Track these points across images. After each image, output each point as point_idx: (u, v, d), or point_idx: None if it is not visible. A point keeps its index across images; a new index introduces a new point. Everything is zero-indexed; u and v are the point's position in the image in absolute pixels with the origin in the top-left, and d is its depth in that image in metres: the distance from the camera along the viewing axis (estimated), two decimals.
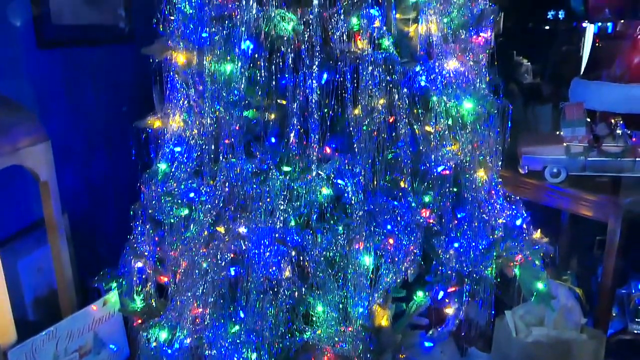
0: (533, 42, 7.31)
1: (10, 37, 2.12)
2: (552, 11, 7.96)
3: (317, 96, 1.44)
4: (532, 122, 4.45)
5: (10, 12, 2.14)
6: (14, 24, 2.15)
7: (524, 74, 6.43)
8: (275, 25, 1.44)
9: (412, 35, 1.56)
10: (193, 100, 1.61)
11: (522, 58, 6.74)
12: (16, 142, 1.48)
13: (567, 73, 5.49)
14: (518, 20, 8.26)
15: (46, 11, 2.28)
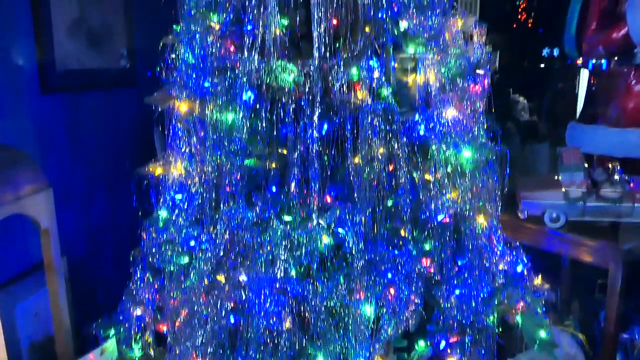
0: (529, 80, 7.44)
1: (14, 83, 2.16)
2: (546, 49, 8.11)
3: (318, 146, 1.46)
4: (530, 161, 4.49)
5: (16, 58, 2.17)
6: (19, 70, 2.18)
7: (521, 112, 6.52)
8: (276, 77, 1.47)
9: (411, 85, 1.59)
10: (195, 147, 1.62)
11: (519, 96, 6.85)
12: (18, 191, 1.49)
13: (564, 110, 5.59)
14: (514, 58, 8.44)
15: (51, 57, 2.32)
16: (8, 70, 2.11)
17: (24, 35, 2.20)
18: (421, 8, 1.54)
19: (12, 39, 2.15)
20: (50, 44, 2.31)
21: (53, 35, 2.32)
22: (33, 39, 2.24)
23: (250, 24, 1.50)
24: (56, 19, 2.32)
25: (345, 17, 1.49)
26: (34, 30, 2.24)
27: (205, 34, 1.56)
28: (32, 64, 2.24)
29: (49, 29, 2.29)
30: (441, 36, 1.57)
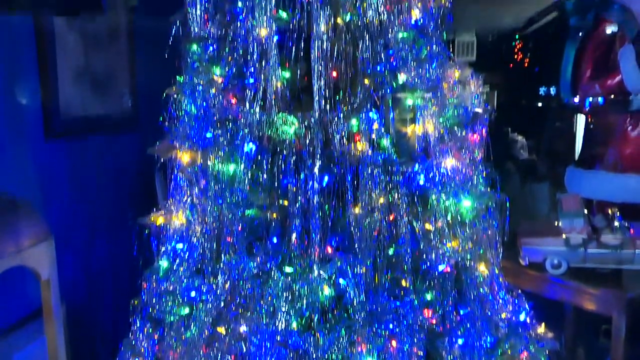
0: (527, 118, 7.51)
1: (19, 129, 2.18)
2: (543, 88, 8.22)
3: (319, 196, 1.47)
4: (530, 201, 4.50)
5: (21, 104, 2.21)
6: (24, 116, 2.22)
7: (520, 150, 6.56)
8: (277, 129, 1.49)
9: (410, 135, 1.61)
10: (196, 197, 1.63)
11: (517, 135, 6.90)
12: (19, 242, 1.49)
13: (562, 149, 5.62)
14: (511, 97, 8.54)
15: (55, 103, 2.36)
16: (13, 116, 2.14)
17: (30, 82, 2.25)
18: (419, 61, 1.57)
19: (18, 86, 2.20)
20: (55, 91, 2.35)
21: (58, 82, 2.36)
22: (38, 85, 2.28)
23: (252, 77, 1.53)
24: (62, 66, 2.38)
25: (345, 71, 1.52)
26: (39, 77, 2.28)
27: (208, 86, 1.59)
28: (36, 110, 2.27)
29: (55, 76, 2.34)
30: (439, 88, 1.60)
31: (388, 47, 1.56)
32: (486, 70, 7.26)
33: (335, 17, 1.54)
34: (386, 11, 1.55)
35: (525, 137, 6.71)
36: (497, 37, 8.73)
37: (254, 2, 1.54)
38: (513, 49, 8.67)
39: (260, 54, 1.52)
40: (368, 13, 1.53)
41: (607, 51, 2.25)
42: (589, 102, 2.27)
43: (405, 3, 1.60)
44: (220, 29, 1.63)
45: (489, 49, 8.60)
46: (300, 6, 1.53)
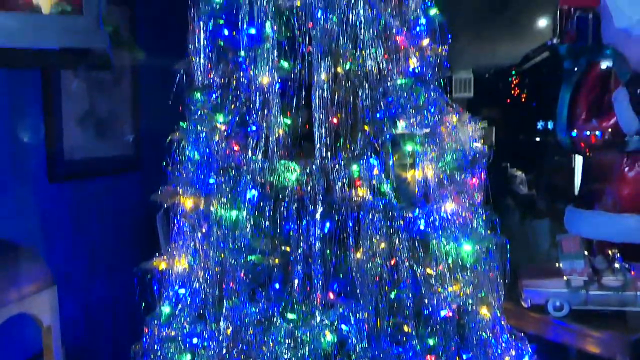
0: (526, 153, 7.55)
1: (23, 172, 2.21)
2: (541, 122, 8.30)
3: (320, 242, 1.49)
4: (531, 237, 4.49)
5: (26, 148, 2.24)
6: (28, 159, 2.24)
7: (519, 186, 6.58)
8: (279, 176, 1.51)
9: (410, 181, 1.63)
10: (199, 243, 1.65)
11: (516, 170, 6.93)
12: (22, 290, 1.50)
13: (562, 183, 5.64)
14: (509, 132, 8.61)
15: (60, 147, 2.40)
16: (18, 159, 2.17)
17: (35, 125, 2.28)
18: (417, 108, 1.61)
19: (23, 129, 2.23)
20: (60, 135, 2.39)
21: (63, 126, 2.40)
22: (43, 129, 2.32)
23: (255, 125, 1.57)
24: (66, 110, 2.42)
25: (345, 118, 1.56)
26: (44, 121, 2.32)
27: (212, 133, 1.62)
28: (41, 154, 2.30)
29: (59, 120, 2.38)
30: (437, 134, 1.64)
31: (387, 95, 1.60)
32: (484, 106, 7.38)
33: (336, 66, 1.58)
34: (385, 60, 1.60)
35: (524, 172, 6.74)
36: (494, 74, 8.89)
37: (256, 52, 1.59)
38: (510, 85, 8.80)
39: (262, 102, 1.56)
40: (367, 62, 1.58)
41: (602, 93, 2.29)
42: (586, 144, 2.30)
43: (402, 52, 1.65)
44: (223, 78, 1.68)
45: (486, 85, 8.74)
46: (302, 56, 1.57)
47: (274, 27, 1.56)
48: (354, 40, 1.58)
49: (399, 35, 1.64)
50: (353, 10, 1.56)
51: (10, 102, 2.14)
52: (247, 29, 1.62)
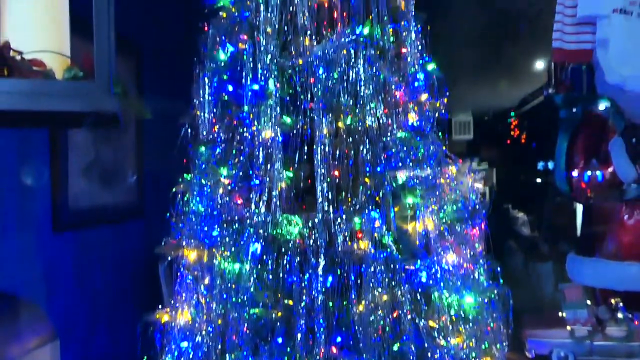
0: (527, 194, 7.55)
1: (27, 223, 2.22)
2: (541, 163, 8.32)
3: (323, 296, 1.49)
4: (535, 281, 4.47)
5: (31, 198, 2.26)
6: (33, 210, 2.26)
7: (521, 227, 6.58)
8: (282, 229, 1.53)
9: (411, 233, 1.65)
10: (202, 295, 1.65)
11: (518, 211, 6.94)
12: (24, 345, 1.49)
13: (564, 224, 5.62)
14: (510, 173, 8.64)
15: (64, 196, 2.42)
16: (22, 209, 2.19)
17: (41, 176, 2.31)
18: (417, 161, 1.64)
19: (30, 180, 2.26)
20: (65, 184, 2.42)
21: (68, 176, 2.43)
22: (49, 179, 2.34)
23: (258, 179, 1.60)
24: (72, 161, 2.45)
25: (346, 172, 1.59)
26: (50, 172, 2.35)
27: (216, 187, 1.65)
28: (46, 204, 2.32)
29: (65, 169, 2.41)
30: (437, 186, 1.67)
31: (387, 149, 1.64)
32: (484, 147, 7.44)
33: (337, 121, 1.63)
34: (384, 115, 1.64)
35: (526, 214, 6.75)
36: (493, 116, 9.01)
37: (259, 107, 1.63)
38: (509, 126, 8.90)
39: (265, 156, 1.59)
40: (367, 117, 1.62)
41: (599, 141, 2.33)
42: (584, 192, 2.33)
43: (402, 107, 1.69)
44: (227, 132, 1.72)
45: (486, 127, 8.85)
46: (304, 112, 1.62)
47: (276, 84, 1.61)
48: (355, 96, 1.63)
49: (398, 91, 1.69)
50: (353, 67, 1.61)
51: (17, 153, 2.18)
52: (250, 85, 1.67)
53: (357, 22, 1.66)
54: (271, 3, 1.67)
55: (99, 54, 0.99)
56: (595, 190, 2.34)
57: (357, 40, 1.61)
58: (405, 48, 1.79)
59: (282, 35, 1.66)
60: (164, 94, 2.55)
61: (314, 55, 1.59)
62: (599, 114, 2.38)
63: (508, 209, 6.81)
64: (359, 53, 1.62)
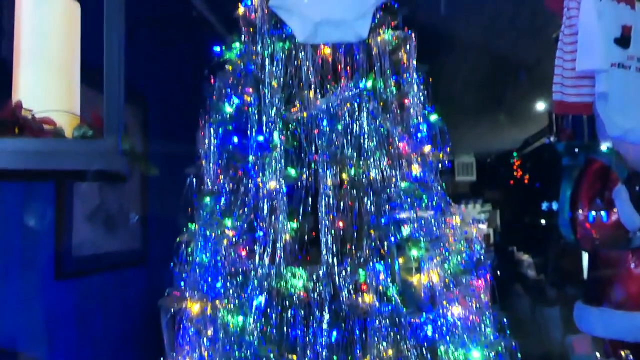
0: (532, 236, 7.49)
1: (30, 270, 2.22)
2: (545, 203, 8.28)
3: (327, 351, 1.47)
4: (542, 326, 4.39)
5: (34, 245, 2.26)
6: (36, 257, 2.26)
7: (527, 270, 6.51)
8: (286, 282, 1.53)
9: (416, 285, 1.64)
10: (205, 348, 1.63)
11: (523, 254, 6.88)
12: None
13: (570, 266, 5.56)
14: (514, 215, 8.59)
15: (68, 244, 2.42)
16: (26, 257, 2.18)
17: (45, 223, 2.31)
18: (421, 213, 1.65)
19: (33, 228, 2.26)
20: (69, 232, 2.42)
21: (73, 223, 2.44)
22: (53, 227, 2.35)
23: (262, 231, 1.60)
24: (77, 207, 2.47)
25: (350, 224, 1.60)
26: (55, 219, 2.36)
27: (220, 238, 1.65)
28: (49, 251, 2.32)
29: (70, 217, 2.42)
30: (442, 236, 1.66)
31: (391, 200, 1.65)
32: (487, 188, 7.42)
33: (341, 173, 1.64)
34: (388, 166, 1.66)
35: (531, 256, 6.69)
36: (496, 157, 9.06)
37: (264, 159, 1.65)
38: (512, 167, 8.92)
39: (270, 208, 1.60)
40: (371, 169, 1.64)
41: (602, 189, 2.33)
42: (590, 241, 2.31)
43: (405, 158, 1.71)
44: (232, 183, 1.74)
45: (489, 168, 8.88)
46: (308, 164, 1.64)
47: (281, 136, 1.63)
48: (358, 148, 1.65)
49: (401, 142, 1.71)
50: (357, 120, 1.64)
51: (23, 199, 2.19)
52: (255, 137, 1.70)
53: (360, 76, 1.69)
54: (276, 57, 1.72)
55: (108, 114, 1.02)
56: (601, 231, 2.32)
57: (361, 94, 1.65)
58: (407, 99, 1.82)
59: (287, 88, 1.70)
60: (170, 142, 2.58)
61: (318, 109, 1.62)
62: (601, 162, 2.39)
63: (513, 251, 6.75)
64: (363, 106, 1.65)
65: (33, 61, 1.07)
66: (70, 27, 1.10)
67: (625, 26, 1.64)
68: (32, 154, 1.01)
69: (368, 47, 1.73)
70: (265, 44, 1.73)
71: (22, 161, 1.01)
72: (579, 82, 1.66)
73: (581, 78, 1.66)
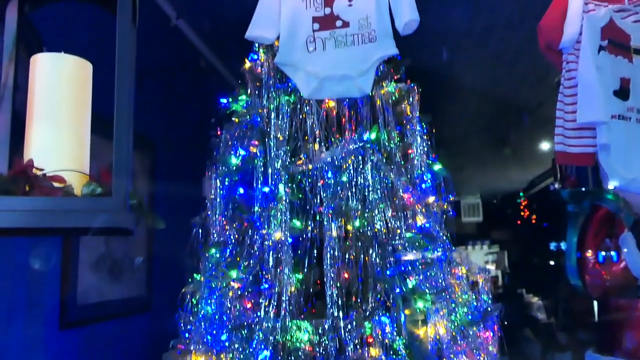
0: (541, 277, 7.38)
1: (34, 319, 2.21)
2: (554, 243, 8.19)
3: None
4: None
5: (39, 295, 2.26)
6: (41, 306, 2.25)
7: (537, 313, 6.40)
8: (291, 335, 1.51)
9: (422, 338, 1.62)
10: None
11: (532, 296, 6.77)
12: None
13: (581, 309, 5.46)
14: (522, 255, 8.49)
15: (73, 292, 2.42)
16: (30, 306, 2.18)
17: (51, 272, 2.32)
18: (426, 264, 1.64)
19: (39, 276, 2.26)
20: (75, 281, 2.42)
21: (78, 271, 2.44)
22: (59, 276, 2.35)
23: (267, 283, 1.60)
24: (82, 256, 2.47)
25: (356, 276, 1.59)
26: (61, 267, 2.36)
27: (225, 290, 1.65)
28: (54, 301, 2.31)
29: (75, 265, 2.43)
30: (447, 287, 1.65)
31: (396, 252, 1.64)
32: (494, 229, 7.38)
33: (346, 224, 1.65)
34: (392, 218, 1.66)
35: (541, 298, 6.58)
36: (502, 197, 9.04)
37: (269, 211, 1.66)
38: (519, 207, 8.88)
39: (275, 260, 1.60)
40: (376, 220, 1.64)
41: (609, 235, 2.32)
42: (598, 289, 2.29)
43: (409, 209, 1.72)
44: (238, 234, 1.74)
45: (495, 208, 8.85)
46: (313, 215, 1.65)
47: (286, 189, 1.65)
48: (363, 199, 1.66)
49: (406, 193, 1.72)
50: (361, 172, 1.65)
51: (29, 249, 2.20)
52: (261, 188, 1.71)
53: (364, 128, 1.72)
54: (282, 110, 1.75)
55: (117, 173, 1.04)
56: (611, 273, 2.30)
57: (364, 146, 1.67)
58: (411, 150, 1.84)
59: (292, 141, 1.72)
60: (176, 190, 2.61)
61: (323, 161, 1.64)
62: (607, 209, 2.39)
63: (522, 294, 6.66)
64: (367, 158, 1.67)
65: (46, 120, 1.10)
66: (82, 86, 1.14)
67: (623, 79, 1.67)
68: (42, 213, 1.03)
69: (372, 99, 1.77)
70: (271, 97, 1.77)
71: (32, 220, 1.03)
72: (580, 133, 1.68)
73: (583, 129, 1.68)
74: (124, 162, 1.07)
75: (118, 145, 1.06)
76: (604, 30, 1.66)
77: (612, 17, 1.69)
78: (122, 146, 1.07)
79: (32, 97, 1.08)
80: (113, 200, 1.05)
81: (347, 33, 1.58)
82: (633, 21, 1.71)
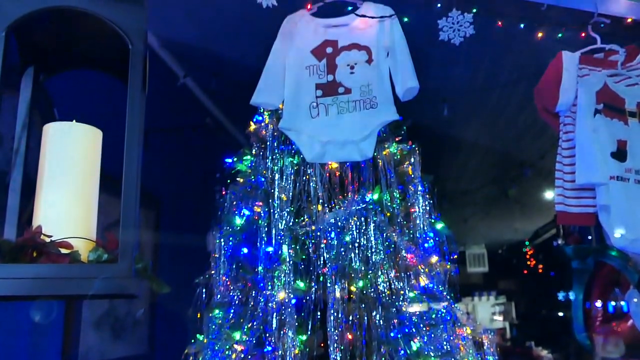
0: (550, 329, 7.21)
1: None
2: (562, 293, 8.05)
3: None
4: None
5: (41, 356, 2.23)
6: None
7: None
8: None
9: None
10: None
11: (542, 349, 6.61)
12: None
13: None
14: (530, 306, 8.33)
15: (75, 353, 2.39)
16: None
17: (53, 333, 2.30)
18: (431, 326, 1.63)
19: (41, 337, 2.24)
20: (76, 341, 2.40)
21: (80, 331, 2.42)
22: (61, 337, 2.33)
23: (270, 346, 1.59)
24: (85, 315, 2.46)
25: (359, 337, 1.58)
26: (63, 329, 2.35)
27: (229, 353, 1.64)
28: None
29: (78, 326, 2.41)
30: (452, 352, 1.63)
31: (400, 313, 1.64)
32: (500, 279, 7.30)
33: (349, 285, 1.65)
34: (395, 278, 1.67)
35: (550, 351, 6.42)
36: (507, 247, 8.96)
37: (273, 272, 1.67)
38: (525, 256, 8.79)
39: (279, 322, 1.60)
40: (379, 281, 1.65)
41: (612, 295, 2.30)
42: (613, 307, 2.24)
43: (413, 269, 1.72)
44: (241, 295, 1.75)
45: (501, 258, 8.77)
46: (317, 276, 1.65)
47: (290, 250, 1.66)
48: (366, 260, 1.67)
49: (409, 254, 1.73)
50: (364, 233, 1.67)
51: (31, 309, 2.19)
52: (265, 248, 1.73)
53: (366, 189, 1.75)
54: (286, 172, 1.79)
55: (124, 240, 1.06)
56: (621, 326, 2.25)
57: (367, 207, 1.69)
58: (413, 209, 1.86)
59: (296, 202, 1.75)
60: (180, 247, 2.62)
61: (326, 222, 1.66)
62: (612, 265, 2.38)
63: (531, 347, 6.51)
64: (370, 219, 1.69)
65: (56, 187, 1.12)
66: (92, 154, 1.17)
67: (620, 140, 1.70)
68: (48, 281, 1.04)
69: (374, 161, 1.80)
70: (275, 158, 1.81)
71: (37, 288, 1.04)
72: (580, 193, 1.70)
73: (582, 190, 1.70)
74: (131, 228, 1.09)
75: (125, 213, 1.08)
76: (598, 95, 1.71)
77: (605, 81, 1.74)
78: (129, 213, 1.09)
79: (43, 165, 1.11)
80: (119, 266, 1.07)
81: (349, 99, 1.64)
82: (626, 85, 1.76)
